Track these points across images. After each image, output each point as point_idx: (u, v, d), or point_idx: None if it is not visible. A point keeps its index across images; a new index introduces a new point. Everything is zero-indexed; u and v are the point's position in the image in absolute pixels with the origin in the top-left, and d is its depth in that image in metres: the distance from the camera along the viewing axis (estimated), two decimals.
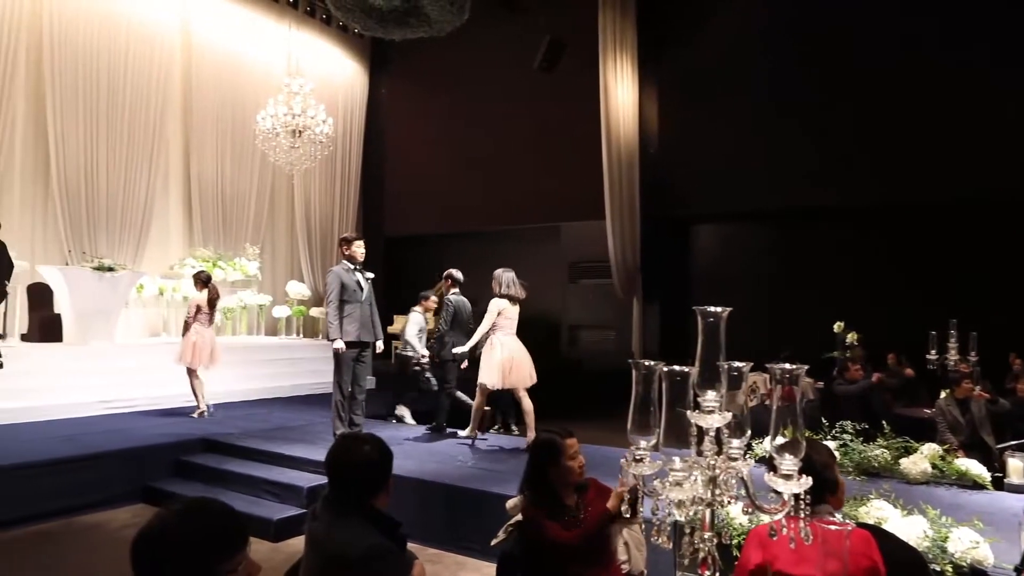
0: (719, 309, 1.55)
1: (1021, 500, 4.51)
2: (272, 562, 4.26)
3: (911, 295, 9.82)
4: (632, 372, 1.57)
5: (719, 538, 1.57)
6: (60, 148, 9.70)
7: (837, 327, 8.42)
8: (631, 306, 11.39)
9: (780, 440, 1.49)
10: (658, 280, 11.54)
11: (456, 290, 7.37)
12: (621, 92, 11.06)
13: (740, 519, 3.59)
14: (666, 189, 11.42)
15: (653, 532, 1.59)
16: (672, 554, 2.95)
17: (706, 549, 1.55)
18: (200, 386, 7.95)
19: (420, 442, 6.71)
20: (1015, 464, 5.01)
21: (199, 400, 7.95)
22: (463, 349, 6.82)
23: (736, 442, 1.55)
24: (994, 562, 3.37)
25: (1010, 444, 5.93)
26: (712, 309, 1.55)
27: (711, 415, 1.50)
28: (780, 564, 2.11)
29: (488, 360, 6.37)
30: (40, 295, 9.21)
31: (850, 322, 8.40)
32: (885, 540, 2.23)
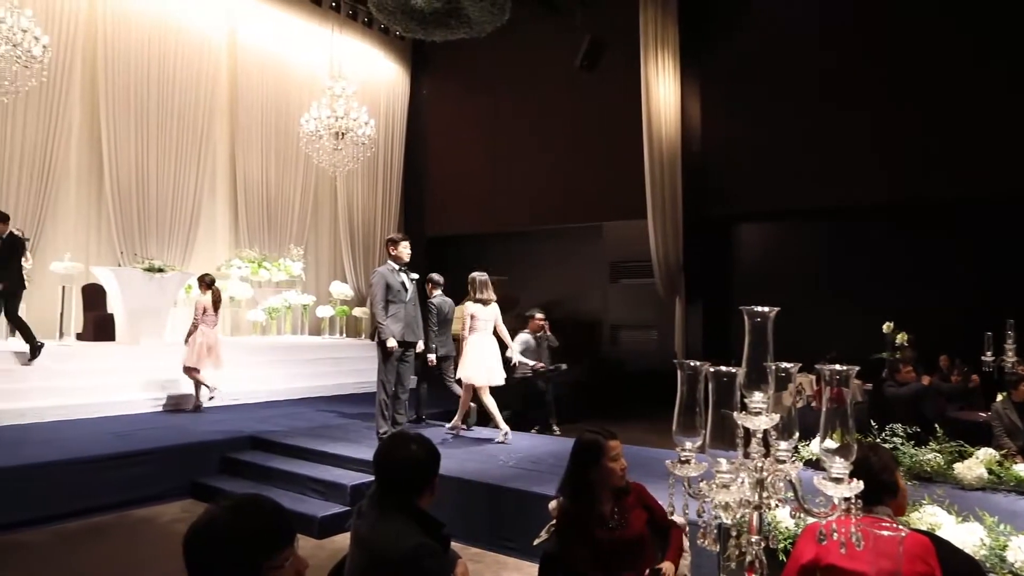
0: (766, 309, 1.52)
1: None
2: (316, 559, 4.30)
3: (964, 294, 9.53)
4: (677, 372, 1.56)
5: (766, 542, 1.54)
6: (112, 153, 10.04)
7: (886, 327, 8.21)
8: (673, 306, 11.26)
9: (829, 443, 1.45)
10: (701, 279, 11.39)
11: (438, 292, 7.68)
12: (663, 90, 10.94)
13: (787, 522, 3.53)
14: (708, 187, 11.26)
15: (699, 535, 1.57)
16: (717, 557, 2.91)
17: (753, 553, 1.52)
18: (201, 377, 8.11)
19: (461, 442, 6.75)
20: None
21: (203, 389, 8.12)
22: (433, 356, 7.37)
23: (784, 444, 1.52)
24: None
25: None
26: (759, 309, 1.52)
27: (758, 416, 1.48)
28: (832, 558, 2.09)
29: (469, 358, 6.65)
30: (94, 295, 9.54)
31: (899, 322, 8.19)
32: (940, 547, 2.17)
